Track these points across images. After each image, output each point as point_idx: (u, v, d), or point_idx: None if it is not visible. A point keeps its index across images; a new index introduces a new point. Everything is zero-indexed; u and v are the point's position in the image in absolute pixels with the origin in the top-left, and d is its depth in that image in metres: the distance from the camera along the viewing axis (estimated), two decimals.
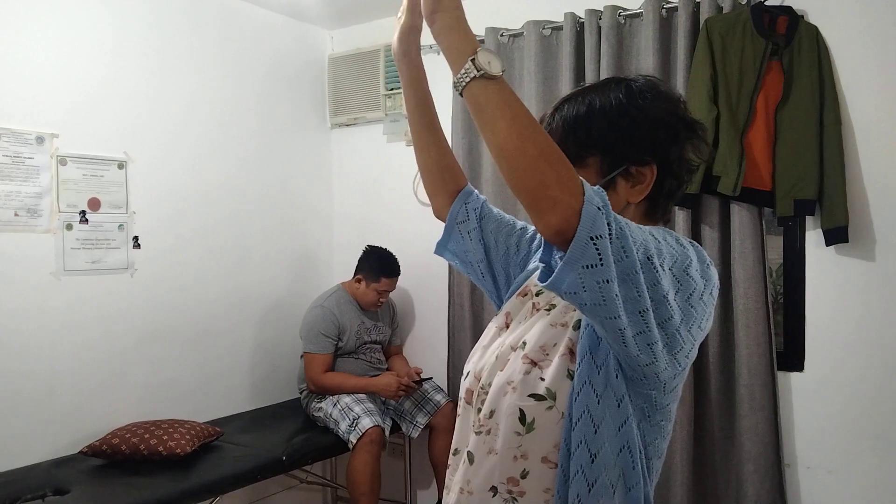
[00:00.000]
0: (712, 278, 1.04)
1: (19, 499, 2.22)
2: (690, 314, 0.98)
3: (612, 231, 0.86)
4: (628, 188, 1.06)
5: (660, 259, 0.93)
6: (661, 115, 1.07)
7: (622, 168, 1.05)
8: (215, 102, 3.25)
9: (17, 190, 2.58)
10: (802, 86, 2.46)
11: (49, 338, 2.64)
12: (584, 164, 1.05)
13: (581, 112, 1.07)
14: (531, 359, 1.04)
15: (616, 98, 1.06)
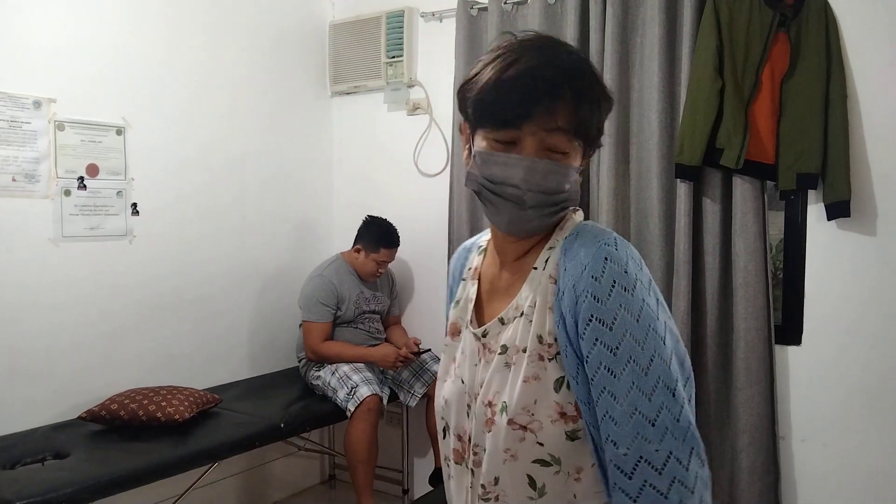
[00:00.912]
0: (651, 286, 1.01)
1: (19, 462, 2.24)
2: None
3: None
4: (586, 162, 1.08)
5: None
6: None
7: (593, 149, 1.06)
8: (214, 69, 3.21)
9: (14, 155, 2.56)
10: (809, 58, 2.43)
11: (47, 304, 2.64)
12: (577, 146, 1.01)
13: (591, 87, 1.00)
14: (519, 424, 0.99)
15: (598, 76, 1.03)
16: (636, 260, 0.98)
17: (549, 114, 0.97)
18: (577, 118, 0.98)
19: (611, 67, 2.74)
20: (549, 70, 0.97)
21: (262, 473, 3.46)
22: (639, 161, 2.76)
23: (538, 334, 1.00)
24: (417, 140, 3.47)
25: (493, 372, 1.05)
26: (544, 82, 0.97)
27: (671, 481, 0.90)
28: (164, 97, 3.01)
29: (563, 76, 0.98)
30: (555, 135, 0.98)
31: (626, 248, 0.98)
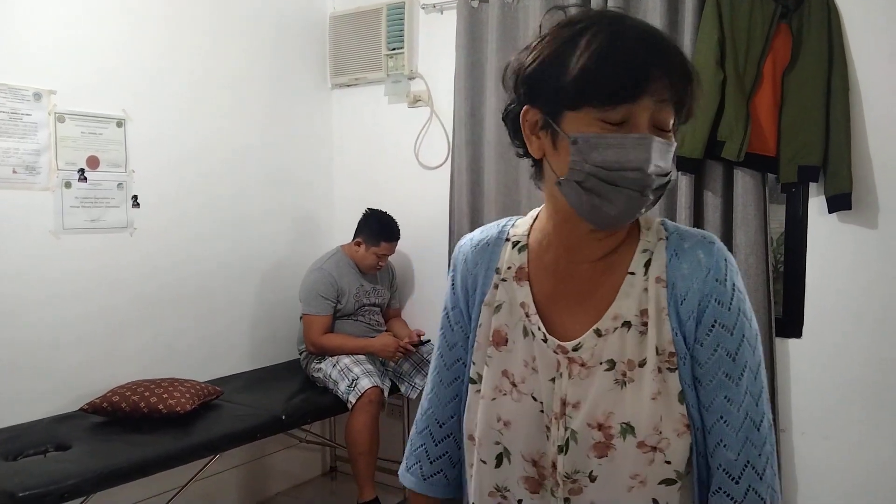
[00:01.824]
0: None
1: (22, 454, 2.25)
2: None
3: None
4: None
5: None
6: None
7: None
8: (214, 61, 3.20)
9: (14, 147, 2.56)
10: (811, 50, 2.42)
11: (49, 296, 2.64)
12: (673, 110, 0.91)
13: (687, 61, 0.94)
14: (650, 445, 0.92)
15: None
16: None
17: (664, 82, 0.87)
18: (678, 91, 0.88)
19: None
20: (656, 37, 0.89)
21: (264, 465, 3.47)
22: None
23: (657, 346, 0.93)
24: (418, 132, 3.47)
25: (600, 390, 0.94)
26: (657, 49, 0.88)
27: (769, 486, 0.93)
28: (164, 89, 3.00)
29: (667, 45, 0.89)
30: (664, 109, 0.88)
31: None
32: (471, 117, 3.17)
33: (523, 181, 3.06)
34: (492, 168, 3.09)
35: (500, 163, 3.08)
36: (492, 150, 3.09)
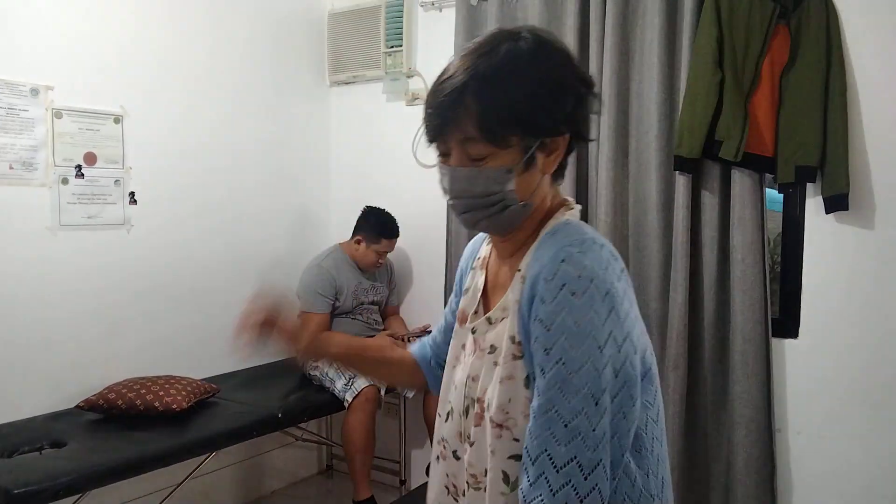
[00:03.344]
0: (624, 298, 1.00)
1: (17, 450, 2.24)
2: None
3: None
4: (544, 159, 1.05)
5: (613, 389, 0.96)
6: (569, 80, 1.04)
7: (538, 142, 1.03)
8: (212, 58, 3.20)
9: (11, 142, 2.55)
10: (809, 50, 2.42)
11: (45, 293, 2.64)
12: (508, 144, 1.01)
13: (502, 91, 1.00)
14: (497, 422, 1.03)
15: (530, 70, 1.01)
16: (604, 265, 0.97)
17: (455, 126, 1.00)
18: (484, 123, 0.99)
19: (610, 59, 2.73)
20: (447, 84, 1.01)
21: (260, 463, 3.47)
22: (637, 153, 2.76)
23: (511, 335, 1.04)
24: (416, 130, 3.46)
25: (483, 370, 1.09)
26: (443, 97, 1.01)
27: (565, 482, 0.93)
28: (162, 86, 3.00)
29: (460, 87, 0.99)
30: (470, 143, 1.01)
31: (596, 252, 0.98)
32: None
33: None
34: None
35: None
36: None
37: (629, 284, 1.04)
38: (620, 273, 1.01)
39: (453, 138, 1.02)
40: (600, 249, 0.99)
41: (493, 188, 1.03)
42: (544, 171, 1.06)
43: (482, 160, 1.02)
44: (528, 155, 1.02)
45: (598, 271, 0.96)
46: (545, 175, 1.07)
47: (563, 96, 1.03)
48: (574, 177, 2.86)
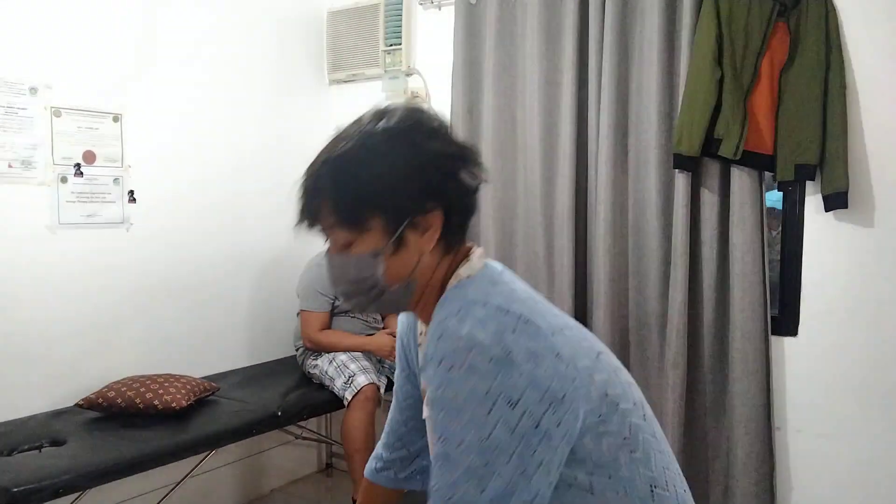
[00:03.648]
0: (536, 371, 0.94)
1: (16, 449, 2.24)
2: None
3: None
4: (419, 238, 1.04)
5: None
6: (432, 157, 1.03)
7: (406, 222, 1.02)
8: (212, 56, 3.20)
9: (10, 141, 2.55)
10: (808, 48, 2.42)
11: (44, 291, 2.63)
12: (368, 228, 1.02)
13: (351, 175, 1.02)
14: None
15: (383, 150, 1.02)
16: (488, 327, 0.93)
17: (317, 215, 1.05)
18: (339, 209, 1.02)
19: (610, 57, 2.73)
20: (308, 171, 1.07)
21: (259, 461, 3.47)
22: (637, 151, 2.76)
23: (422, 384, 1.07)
24: None
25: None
26: (304, 185, 1.06)
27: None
28: (160, 85, 2.99)
29: (315, 175, 1.05)
30: (333, 232, 1.05)
31: (476, 315, 0.94)
32: (468, 114, 3.17)
33: (520, 179, 3.06)
34: (489, 164, 3.09)
35: (498, 160, 3.08)
36: (489, 147, 3.08)
37: (551, 323, 0.99)
38: (518, 323, 0.95)
39: (320, 226, 1.05)
40: (482, 309, 0.95)
41: (363, 274, 1.03)
42: (421, 249, 1.04)
43: (349, 246, 1.03)
44: (396, 236, 1.02)
45: (478, 337, 0.92)
46: (425, 252, 1.05)
47: (423, 174, 1.02)
48: (573, 175, 2.86)
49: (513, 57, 3.05)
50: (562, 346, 0.97)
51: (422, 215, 1.03)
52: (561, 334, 0.99)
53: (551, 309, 1.07)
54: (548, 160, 2.94)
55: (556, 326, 1.00)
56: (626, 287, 2.80)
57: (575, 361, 0.97)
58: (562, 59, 2.89)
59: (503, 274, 1.10)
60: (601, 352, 1.06)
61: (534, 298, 1.06)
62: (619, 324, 2.79)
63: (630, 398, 1.04)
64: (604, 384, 1.00)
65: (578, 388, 0.95)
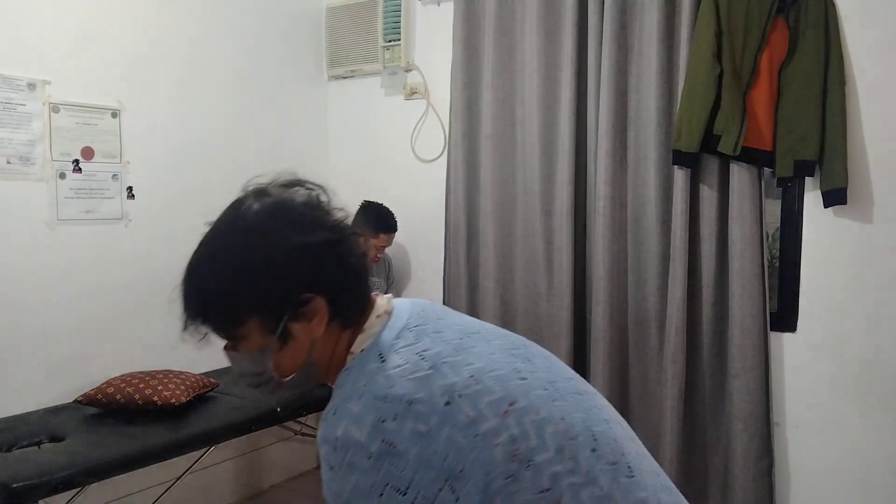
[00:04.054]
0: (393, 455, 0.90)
1: (16, 445, 2.24)
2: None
3: None
4: (306, 327, 1.00)
5: None
6: (295, 251, 0.99)
7: (286, 317, 0.99)
8: (210, 51, 3.19)
9: (9, 137, 2.55)
10: (807, 44, 2.42)
11: (43, 287, 2.63)
12: (247, 330, 1.00)
13: (215, 285, 1.00)
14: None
15: (243, 254, 0.99)
16: (364, 421, 0.90)
17: (195, 321, 1.03)
18: (210, 316, 1.02)
19: (609, 53, 2.73)
20: (181, 290, 1.05)
21: (258, 458, 3.47)
22: (636, 147, 2.76)
23: None
24: (414, 125, 3.46)
25: None
26: (181, 291, 1.05)
27: None
28: (159, 80, 2.99)
29: (185, 282, 1.04)
30: (216, 332, 1.04)
31: (351, 410, 0.92)
32: (467, 110, 3.17)
33: (519, 175, 3.06)
34: (488, 161, 3.09)
35: (497, 156, 3.08)
36: (488, 143, 3.08)
37: (460, 378, 0.94)
38: (401, 408, 0.91)
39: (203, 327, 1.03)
40: (358, 403, 0.92)
41: (256, 369, 1.03)
42: (311, 335, 1.01)
43: (236, 346, 1.03)
44: (280, 330, 0.99)
45: (353, 436, 0.90)
46: (317, 337, 1.02)
47: (288, 271, 0.98)
48: (572, 171, 2.86)
49: (512, 53, 3.04)
50: (459, 413, 0.91)
51: (301, 307, 0.99)
52: (464, 395, 0.93)
53: (477, 345, 1.02)
54: (547, 156, 2.93)
55: (465, 378, 0.95)
56: (626, 283, 2.80)
57: (476, 426, 0.91)
58: (561, 54, 2.89)
59: (404, 333, 1.02)
60: (515, 400, 0.95)
61: (449, 343, 1.01)
62: (618, 320, 2.79)
63: (549, 446, 0.94)
64: (510, 442, 0.92)
65: (479, 455, 0.90)
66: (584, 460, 0.96)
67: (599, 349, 2.77)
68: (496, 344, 1.05)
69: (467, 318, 1.13)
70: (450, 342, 1.00)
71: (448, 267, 3.28)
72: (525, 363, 1.03)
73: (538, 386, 0.99)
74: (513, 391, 0.96)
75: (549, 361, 1.10)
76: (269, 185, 1.10)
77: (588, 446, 0.97)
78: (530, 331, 3.03)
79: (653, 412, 2.74)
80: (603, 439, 1.00)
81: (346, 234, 1.05)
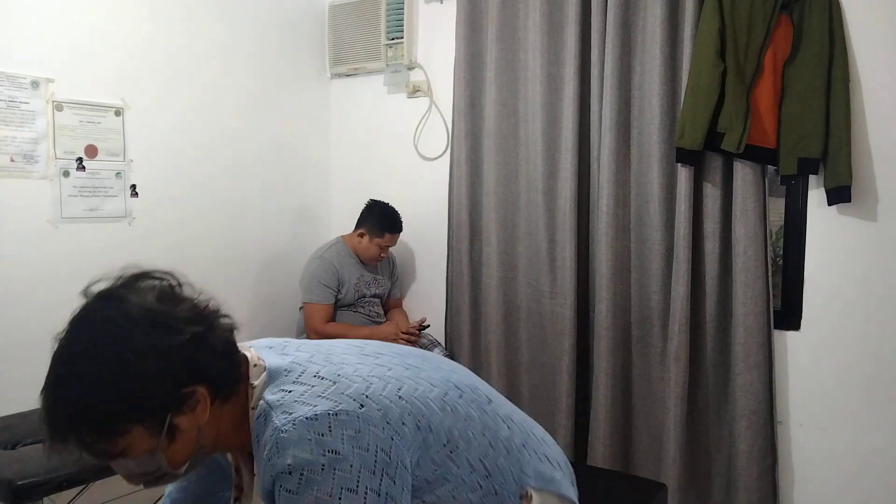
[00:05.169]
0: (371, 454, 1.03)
1: (21, 442, 2.25)
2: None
3: None
4: (191, 417, 1.03)
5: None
6: (170, 349, 1.00)
7: (170, 416, 1.01)
8: (213, 49, 3.19)
9: (12, 135, 2.55)
10: (812, 41, 2.41)
11: (47, 285, 2.64)
12: (130, 439, 0.99)
13: (90, 402, 0.97)
14: None
15: (117, 364, 0.98)
16: (308, 443, 0.99)
17: (67, 446, 0.99)
18: (88, 443, 0.99)
19: (612, 50, 2.72)
20: (42, 408, 1.00)
21: None
22: (639, 145, 2.75)
23: None
24: (417, 123, 3.46)
25: None
26: (44, 420, 1.00)
27: None
28: (162, 78, 2.99)
29: (50, 419, 0.99)
30: (94, 447, 1.01)
31: (290, 436, 1.00)
32: (470, 108, 3.16)
33: (522, 173, 3.06)
34: (491, 159, 3.09)
35: (500, 154, 3.07)
36: (491, 141, 3.08)
37: (353, 383, 1.08)
38: (329, 421, 1.01)
39: (76, 448, 1.00)
40: (292, 429, 1.00)
41: (149, 469, 1.03)
42: (198, 422, 1.04)
43: (122, 453, 1.00)
44: (165, 429, 1.00)
45: (302, 456, 0.98)
46: (203, 422, 1.05)
47: (167, 369, 0.99)
48: (575, 169, 2.86)
49: (515, 50, 3.04)
50: (372, 412, 1.05)
51: (184, 402, 1.02)
52: (368, 395, 1.07)
53: (340, 350, 1.19)
54: (550, 154, 2.93)
55: (361, 382, 1.09)
56: (629, 281, 2.80)
57: (386, 417, 1.06)
58: (564, 52, 2.88)
59: (289, 367, 1.12)
60: (400, 385, 1.13)
61: (323, 354, 1.16)
62: (621, 318, 2.79)
63: (434, 408, 1.13)
64: (413, 417, 1.09)
65: (398, 441, 1.05)
66: (459, 407, 1.17)
67: (602, 347, 2.77)
68: (342, 351, 1.21)
69: (303, 341, 1.28)
70: (325, 360, 1.14)
71: (451, 265, 3.28)
72: (376, 357, 1.20)
73: (399, 368, 1.17)
74: (392, 379, 1.13)
75: (386, 349, 1.27)
76: (116, 287, 1.08)
77: (456, 394, 1.19)
78: (533, 328, 3.03)
79: (656, 410, 2.74)
80: (461, 385, 1.23)
81: (211, 319, 1.09)
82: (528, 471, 1.21)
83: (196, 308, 1.09)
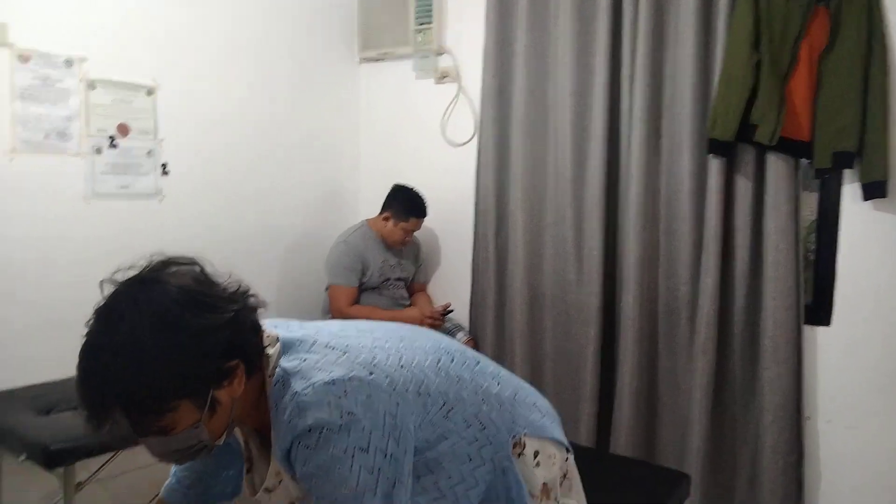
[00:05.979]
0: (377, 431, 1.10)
1: (54, 409, 2.29)
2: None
3: None
4: (229, 389, 1.10)
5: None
6: (214, 327, 1.06)
7: (213, 389, 1.07)
8: (244, 32, 3.21)
9: (46, 112, 2.59)
10: (849, 33, 2.37)
11: (78, 259, 2.68)
12: (176, 413, 1.05)
13: (142, 380, 1.01)
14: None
15: (165, 341, 1.02)
16: (327, 404, 1.07)
17: (108, 423, 1.03)
18: (135, 417, 1.04)
19: (644, 40, 2.70)
20: (86, 382, 1.03)
21: None
22: (670, 135, 2.73)
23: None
24: (445, 109, 3.45)
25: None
26: (85, 396, 1.03)
27: None
28: (193, 58, 3.02)
29: (97, 393, 1.02)
30: (142, 425, 1.05)
31: (315, 404, 1.07)
32: (499, 94, 3.15)
33: (550, 159, 3.04)
34: (518, 145, 3.08)
35: (527, 141, 3.06)
36: (519, 127, 3.07)
37: (361, 353, 1.16)
38: (346, 385, 1.09)
39: (120, 424, 1.04)
40: (312, 393, 1.08)
41: (189, 444, 1.09)
42: (234, 394, 1.11)
43: (165, 430, 1.06)
44: (208, 403, 1.07)
45: (322, 418, 1.06)
46: (238, 393, 1.11)
47: (213, 347, 1.06)
48: (604, 158, 2.84)
49: (545, 38, 3.02)
50: (380, 380, 1.13)
51: (225, 377, 1.09)
52: (375, 364, 1.15)
53: (339, 326, 1.28)
54: (578, 143, 2.92)
55: (368, 353, 1.17)
56: (657, 272, 2.78)
57: (392, 385, 1.14)
58: (595, 41, 2.86)
59: (301, 338, 1.20)
60: (400, 356, 1.21)
61: (326, 329, 1.25)
62: (647, 309, 2.77)
63: (430, 374, 1.22)
64: (414, 384, 1.18)
65: (403, 407, 1.14)
66: (451, 370, 1.27)
67: (628, 338, 2.76)
68: (340, 327, 1.30)
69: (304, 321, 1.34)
70: (331, 335, 1.22)
71: (477, 252, 3.28)
72: (371, 332, 1.27)
73: (395, 340, 1.26)
74: (392, 350, 1.21)
75: (377, 326, 1.34)
76: (150, 272, 1.12)
77: (448, 359, 1.28)
78: (559, 316, 3.02)
79: (681, 402, 2.72)
80: (452, 349, 1.33)
81: (243, 299, 1.17)
82: (520, 420, 1.31)
83: (229, 288, 1.16)
